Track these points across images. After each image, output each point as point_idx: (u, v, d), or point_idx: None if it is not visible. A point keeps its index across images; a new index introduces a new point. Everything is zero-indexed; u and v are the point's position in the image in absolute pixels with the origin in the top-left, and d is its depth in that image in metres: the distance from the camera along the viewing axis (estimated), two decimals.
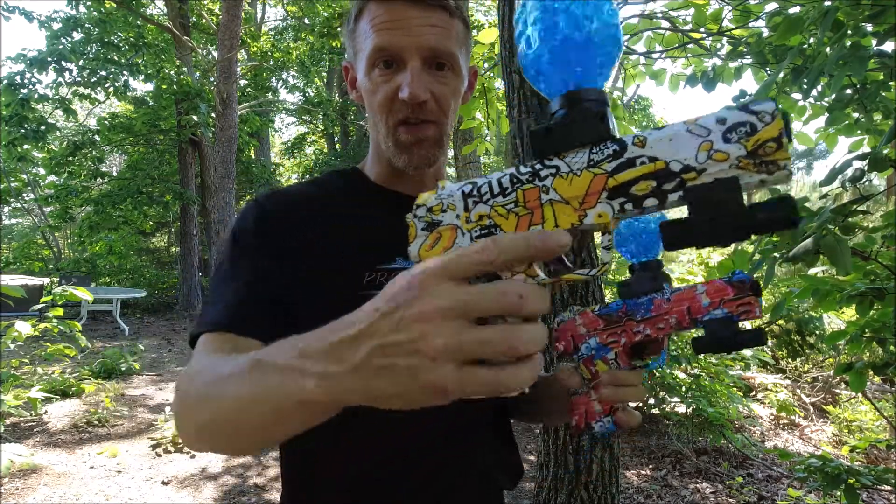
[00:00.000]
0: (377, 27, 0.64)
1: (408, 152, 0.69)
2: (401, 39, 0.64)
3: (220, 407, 0.43)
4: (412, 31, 0.64)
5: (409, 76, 0.64)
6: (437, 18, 0.65)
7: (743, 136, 0.29)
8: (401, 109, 0.66)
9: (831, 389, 5.60)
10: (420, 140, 0.68)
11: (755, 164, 0.28)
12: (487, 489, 0.73)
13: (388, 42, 0.64)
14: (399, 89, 0.65)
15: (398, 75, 0.65)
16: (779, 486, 3.44)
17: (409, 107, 0.65)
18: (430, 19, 0.65)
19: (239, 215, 0.70)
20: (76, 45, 7.89)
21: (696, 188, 0.29)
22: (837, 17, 1.41)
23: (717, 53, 2.55)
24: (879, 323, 1.63)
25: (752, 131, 0.29)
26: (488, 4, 9.42)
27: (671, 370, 4.08)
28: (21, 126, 7.09)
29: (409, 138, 0.68)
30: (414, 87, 0.64)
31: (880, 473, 1.75)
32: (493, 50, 3.21)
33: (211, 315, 0.60)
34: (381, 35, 0.64)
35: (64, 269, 10.69)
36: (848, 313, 3.98)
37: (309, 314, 0.54)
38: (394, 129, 0.68)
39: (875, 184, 5.53)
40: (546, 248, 0.32)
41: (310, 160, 18.17)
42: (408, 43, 0.64)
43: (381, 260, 0.68)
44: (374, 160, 0.76)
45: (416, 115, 0.66)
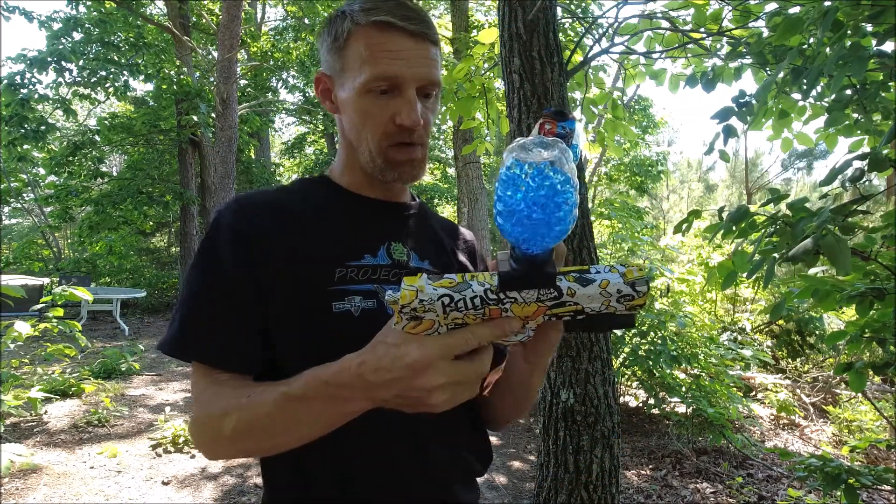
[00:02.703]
0: (379, 55, 0.69)
1: (399, 169, 0.75)
2: (402, 70, 0.69)
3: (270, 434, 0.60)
4: (411, 63, 0.70)
5: (409, 105, 0.70)
6: (428, 51, 0.72)
7: (626, 299, 0.48)
8: (397, 133, 0.72)
9: (831, 389, 5.60)
10: (411, 160, 0.75)
11: (626, 310, 0.50)
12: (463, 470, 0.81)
13: (391, 72, 0.69)
14: (395, 115, 0.71)
15: (393, 101, 0.71)
16: (779, 486, 3.44)
17: (408, 132, 0.72)
18: (424, 52, 0.71)
19: (208, 229, 0.72)
20: (76, 45, 7.88)
21: (593, 315, 0.51)
22: (837, 17, 1.41)
23: (717, 53, 2.55)
24: (879, 323, 1.63)
25: (632, 299, 0.48)
26: (488, 4, 9.41)
27: (671, 370, 4.08)
28: (21, 126, 7.09)
29: (402, 157, 0.74)
30: (416, 115, 0.71)
31: (880, 473, 1.75)
32: (494, 50, 3.21)
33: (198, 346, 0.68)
34: (384, 63, 0.69)
35: (64, 269, 10.69)
36: (848, 313, 3.99)
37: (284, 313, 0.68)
38: (386, 150, 0.73)
39: (875, 184, 5.53)
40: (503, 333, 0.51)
41: (310, 160, 18.16)
42: (408, 74, 0.70)
43: (351, 257, 0.73)
44: (347, 168, 0.80)
45: (409, 138, 0.73)
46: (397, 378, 0.50)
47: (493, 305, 0.48)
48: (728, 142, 2.13)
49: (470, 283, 0.48)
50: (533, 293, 0.48)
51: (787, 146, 2.60)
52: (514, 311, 0.49)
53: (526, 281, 0.47)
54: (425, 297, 0.47)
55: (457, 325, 0.50)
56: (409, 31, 0.70)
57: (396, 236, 0.79)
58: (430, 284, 0.48)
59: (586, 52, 2.71)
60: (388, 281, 0.74)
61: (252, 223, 0.70)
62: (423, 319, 0.49)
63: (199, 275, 0.69)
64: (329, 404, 0.56)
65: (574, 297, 0.48)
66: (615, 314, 0.50)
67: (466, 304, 0.48)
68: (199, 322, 0.68)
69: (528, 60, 2.25)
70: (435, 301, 0.47)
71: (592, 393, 2.16)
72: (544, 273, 0.48)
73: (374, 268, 0.74)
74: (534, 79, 2.24)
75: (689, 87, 2.40)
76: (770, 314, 1.71)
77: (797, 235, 1.35)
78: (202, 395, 0.65)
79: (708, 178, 20.46)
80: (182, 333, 0.68)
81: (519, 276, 0.48)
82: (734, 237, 1.65)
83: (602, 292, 0.47)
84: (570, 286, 0.48)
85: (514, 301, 0.48)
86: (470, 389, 0.53)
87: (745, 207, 1.60)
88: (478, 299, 0.48)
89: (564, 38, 4.83)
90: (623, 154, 11.19)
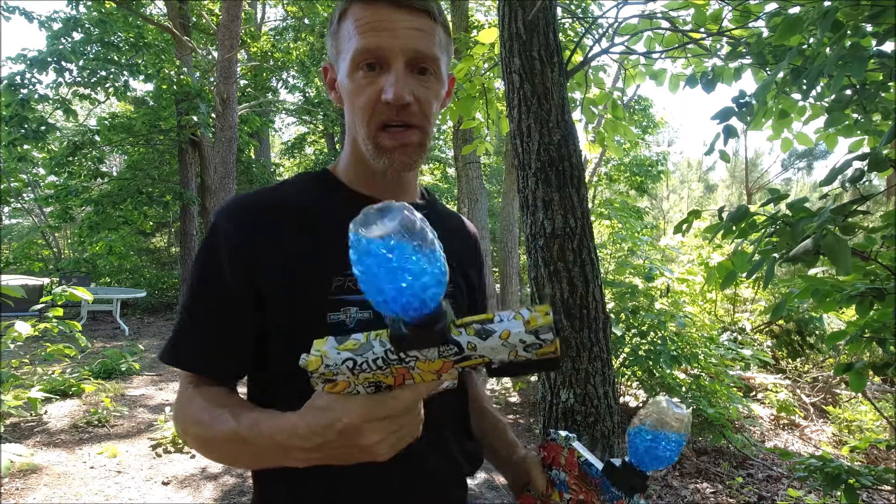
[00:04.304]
0: (361, 28, 0.64)
1: (389, 156, 0.68)
2: (386, 41, 0.64)
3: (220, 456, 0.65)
4: (397, 34, 0.64)
5: (393, 78, 0.64)
6: (421, 22, 0.66)
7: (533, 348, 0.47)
8: (384, 112, 0.66)
9: (831, 389, 5.60)
10: (404, 145, 0.68)
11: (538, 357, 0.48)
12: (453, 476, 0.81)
13: (373, 44, 0.64)
14: (382, 91, 0.64)
15: (381, 77, 0.65)
16: (779, 486, 3.44)
17: (393, 109, 0.65)
18: (414, 23, 0.65)
19: (207, 232, 0.70)
20: (76, 45, 7.87)
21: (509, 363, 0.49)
22: (837, 17, 1.41)
23: (717, 53, 2.55)
24: (879, 323, 1.63)
25: (539, 347, 0.47)
26: (488, 4, 9.41)
27: (671, 370, 4.08)
28: (21, 126, 7.08)
29: (391, 143, 0.67)
30: (398, 88, 0.64)
31: (880, 473, 1.75)
32: (493, 50, 3.21)
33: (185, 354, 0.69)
34: (366, 37, 0.64)
35: (64, 269, 10.69)
36: (848, 313, 3.98)
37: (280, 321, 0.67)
38: (375, 133, 0.67)
39: (875, 184, 5.53)
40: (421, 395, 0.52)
41: (310, 160, 18.15)
42: (393, 45, 0.64)
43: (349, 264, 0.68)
44: (350, 162, 0.75)
45: (399, 117, 0.66)
46: (329, 441, 0.52)
47: (397, 365, 0.48)
48: (728, 142, 2.13)
49: (372, 344, 0.48)
50: (433, 350, 0.47)
51: (787, 146, 2.60)
52: (420, 368, 0.49)
53: (416, 342, 0.46)
54: (330, 361, 0.49)
55: (371, 383, 0.50)
56: (400, 3, 0.65)
57: None
58: (335, 349, 0.49)
59: (586, 52, 2.71)
60: None
61: (248, 230, 0.67)
62: (337, 381, 0.50)
63: (195, 282, 0.69)
64: (271, 453, 0.57)
65: (476, 350, 0.47)
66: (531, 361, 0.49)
67: (370, 366, 0.48)
68: (189, 332, 0.69)
69: (528, 60, 2.25)
70: (340, 365, 0.48)
71: (592, 393, 2.16)
72: (433, 332, 0.46)
73: None
74: (534, 79, 2.24)
75: (689, 87, 2.40)
76: (770, 314, 1.71)
77: (797, 235, 1.35)
78: (181, 396, 0.68)
79: (708, 178, 20.46)
80: (173, 341, 0.69)
81: (408, 338, 0.46)
82: (734, 237, 1.65)
83: (504, 343, 0.46)
84: (469, 340, 0.47)
85: (416, 359, 0.48)
86: (411, 431, 0.53)
87: (745, 207, 1.60)
88: (380, 360, 0.48)
89: (564, 38, 4.83)
90: (623, 154, 11.19)
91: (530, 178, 2.28)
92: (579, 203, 2.24)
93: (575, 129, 2.33)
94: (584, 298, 2.19)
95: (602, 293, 2.27)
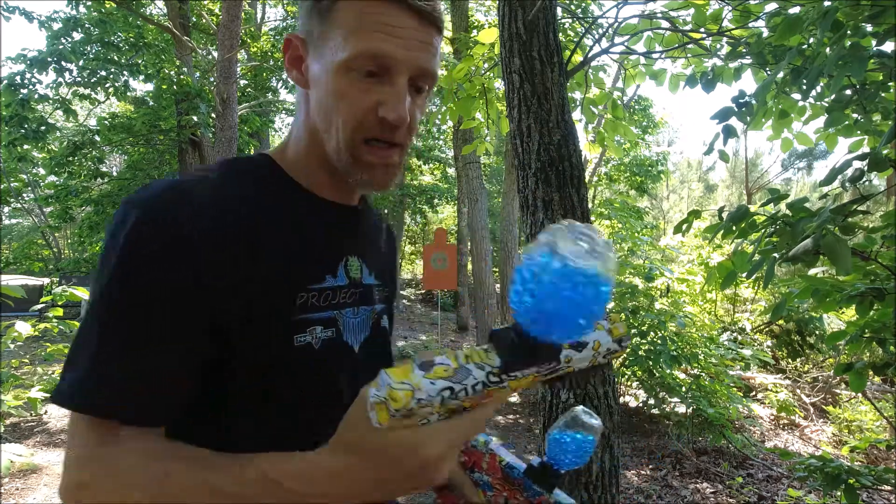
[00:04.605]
0: (371, 26, 0.56)
1: (370, 172, 0.62)
2: (397, 50, 0.57)
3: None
4: (409, 45, 0.57)
5: (398, 96, 0.58)
6: (430, 35, 0.60)
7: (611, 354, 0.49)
8: (373, 127, 0.59)
9: (831, 389, 5.60)
10: (386, 165, 0.62)
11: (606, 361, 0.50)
12: None
13: (384, 50, 0.56)
14: (379, 105, 0.58)
15: (378, 87, 0.58)
16: (779, 486, 3.44)
17: (389, 128, 0.59)
18: (423, 35, 0.59)
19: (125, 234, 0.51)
20: (76, 45, 7.88)
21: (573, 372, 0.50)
22: (837, 17, 1.41)
23: (717, 53, 2.55)
24: (879, 323, 1.63)
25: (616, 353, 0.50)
26: (488, 4, 9.41)
27: (671, 370, 4.08)
28: (21, 126, 7.08)
29: (374, 160, 0.61)
30: (404, 109, 0.58)
31: (880, 473, 1.75)
32: (493, 50, 3.21)
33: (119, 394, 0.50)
34: (376, 38, 0.56)
35: (64, 269, 10.69)
36: (848, 313, 3.98)
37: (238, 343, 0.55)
38: (357, 145, 0.60)
39: (875, 184, 5.53)
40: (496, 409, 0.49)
41: None
42: (402, 56, 0.57)
43: (313, 279, 0.62)
44: (305, 158, 0.65)
45: (388, 136, 0.60)
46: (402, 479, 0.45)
47: (494, 387, 0.45)
48: (728, 142, 2.13)
49: (468, 369, 0.44)
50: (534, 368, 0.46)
51: (787, 146, 2.60)
52: (511, 386, 0.46)
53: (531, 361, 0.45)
54: (423, 394, 0.42)
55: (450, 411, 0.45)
56: (416, 9, 0.57)
57: (352, 250, 0.69)
58: (426, 378, 0.42)
59: (586, 52, 2.71)
60: (346, 304, 0.65)
61: (197, 227, 0.53)
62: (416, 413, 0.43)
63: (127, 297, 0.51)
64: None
65: (571, 363, 0.47)
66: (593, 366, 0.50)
67: (468, 392, 0.44)
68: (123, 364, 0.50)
69: (528, 60, 2.25)
70: (435, 396, 0.42)
71: (592, 393, 2.16)
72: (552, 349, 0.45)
73: (334, 290, 0.64)
74: (534, 79, 2.24)
75: (689, 87, 2.40)
76: (770, 314, 1.71)
77: (797, 235, 1.35)
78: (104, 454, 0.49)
79: (708, 178, 20.47)
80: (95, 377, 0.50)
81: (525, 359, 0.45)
82: (734, 237, 1.65)
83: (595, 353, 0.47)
84: (567, 354, 0.47)
85: (514, 378, 0.46)
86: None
87: (745, 207, 1.60)
88: (479, 385, 0.44)
89: (564, 38, 4.83)
90: (623, 154, 11.19)
91: (530, 178, 2.28)
92: (579, 203, 2.24)
93: (575, 129, 2.33)
94: None
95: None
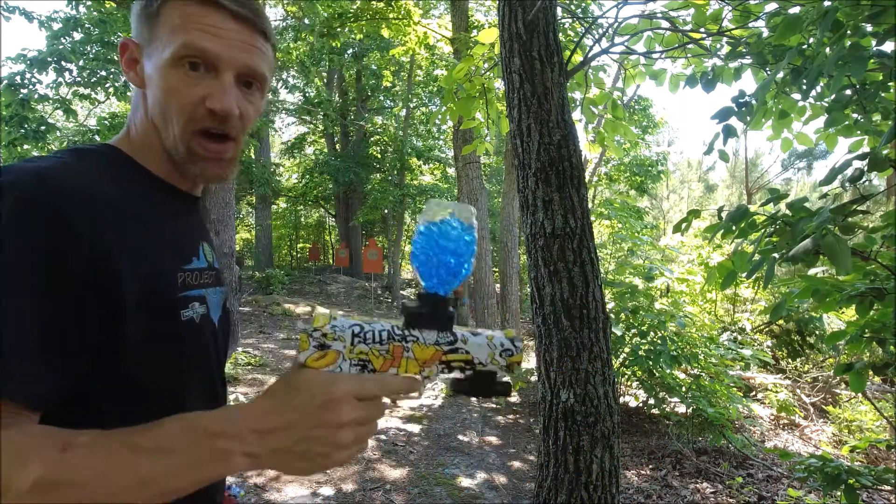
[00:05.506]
0: (191, 26, 0.62)
1: (202, 165, 0.66)
2: (218, 47, 0.62)
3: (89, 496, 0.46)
4: (232, 45, 0.63)
5: (224, 88, 0.63)
6: (254, 39, 0.65)
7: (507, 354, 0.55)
8: (204, 118, 0.64)
9: (831, 389, 5.60)
10: (219, 158, 0.67)
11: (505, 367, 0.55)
12: None
13: (205, 45, 0.62)
14: (207, 98, 0.63)
15: (205, 81, 0.63)
16: (779, 486, 3.44)
17: (217, 118, 0.64)
18: (247, 37, 0.64)
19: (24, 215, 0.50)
20: (76, 45, 7.88)
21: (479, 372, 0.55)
22: (837, 17, 1.41)
23: (717, 53, 2.55)
24: (879, 323, 1.63)
25: (511, 354, 0.55)
26: (488, 4, 9.41)
27: (671, 370, 4.08)
28: (21, 126, 7.08)
29: (207, 153, 0.66)
30: (229, 101, 0.63)
31: (880, 473, 1.75)
32: (493, 50, 3.21)
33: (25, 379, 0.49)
34: (198, 35, 0.62)
35: None
36: (848, 313, 3.99)
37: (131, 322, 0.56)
38: (190, 137, 0.64)
39: (875, 184, 5.53)
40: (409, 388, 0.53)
41: (310, 160, 18.16)
42: (226, 54, 0.63)
43: (186, 260, 0.67)
44: (151, 152, 0.67)
45: (220, 127, 0.65)
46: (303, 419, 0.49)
47: (398, 342, 0.52)
48: (728, 142, 2.13)
49: (378, 321, 0.53)
50: (433, 335, 0.53)
51: (786, 146, 2.60)
52: (415, 352, 0.53)
53: (430, 319, 0.53)
54: (338, 323, 0.51)
55: (360, 360, 0.52)
56: (233, 11, 0.63)
57: (203, 236, 0.74)
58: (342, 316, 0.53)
59: (586, 52, 2.71)
60: (209, 284, 0.71)
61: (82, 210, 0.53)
62: (330, 350, 0.51)
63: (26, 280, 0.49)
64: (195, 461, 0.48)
65: (466, 344, 0.54)
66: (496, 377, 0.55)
67: (374, 337, 0.52)
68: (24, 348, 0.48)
69: (528, 60, 2.25)
70: (346, 329, 0.51)
71: (592, 393, 2.16)
72: (446, 313, 0.54)
73: (200, 271, 0.69)
74: (534, 79, 2.24)
75: (689, 87, 2.40)
76: (770, 314, 1.71)
77: (797, 235, 1.35)
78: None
79: (708, 178, 20.47)
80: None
81: (424, 314, 0.53)
82: (734, 237, 1.65)
83: (489, 343, 0.54)
84: (462, 334, 0.54)
85: (415, 340, 0.53)
86: (371, 430, 0.54)
87: (745, 207, 1.60)
88: (385, 333, 0.52)
89: (564, 38, 4.83)
90: (623, 154, 11.19)
91: (530, 178, 2.28)
92: (579, 203, 2.24)
93: (575, 129, 2.33)
94: (584, 298, 2.19)
95: (602, 293, 2.27)
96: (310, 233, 21.97)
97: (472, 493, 3.25)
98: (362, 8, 7.75)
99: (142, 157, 0.67)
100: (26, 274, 0.49)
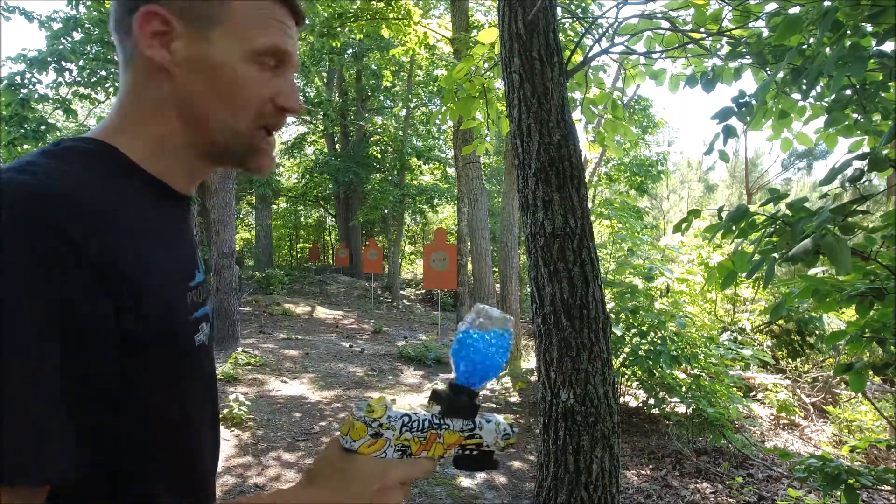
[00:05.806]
0: (273, 21, 0.60)
1: (261, 159, 0.65)
2: (291, 47, 0.62)
3: None
4: (295, 44, 0.64)
5: (293, 87, 0.64)
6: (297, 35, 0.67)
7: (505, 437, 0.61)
8: (273, 116, 0.63)
9: (831, 389, 5.60)
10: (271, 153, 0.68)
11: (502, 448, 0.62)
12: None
13: (287, 46, 0.62)
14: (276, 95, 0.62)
15: (274, 78, 0.62)
16: (779, 486, 3.45)
17: (283, 117, 0.64)
18: (297, 37, 0.65)
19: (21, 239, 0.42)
20: (76, 45, 7.87)
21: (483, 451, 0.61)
22: (837, 17, 1.41)
23: (717, 53, 2.55)
24: (879, 323, 1.63)
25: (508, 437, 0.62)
26: (488, 4, 9.41)
27: (671, 370, 4.08)
28: (21, 126, 7.08)
29: (267, 147, 0.65)
30: (298, 99, 0.64)
31: (880, 473, 1.75)
32: (493, 50, 3.21)
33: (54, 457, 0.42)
34: (279, 35, 0.61)
35: None
36: (848, 313, 3.99)
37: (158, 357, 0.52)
38: (256, 132, 0.63)
39: (875, 184, 5.53)
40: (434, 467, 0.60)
41: (310, 160, 18.16)
42: (294, 54, 0.63)
43: (191, 276, 0.62)
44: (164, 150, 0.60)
45: (279, 125, 0.65)
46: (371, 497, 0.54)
47: (434, 430, 0.59)
48: (728, 142, 2.13)
49: (418, 412, 0.59)
50: (459, 423, 0.60)
51: (786, 146, 2.60)
52: (444, 438, 0.60)
53: (464, 410, 0.60)
54: (392, 414, 0.57)
55: (403, 446, 0.58)
56: (297, 12, 0.64)
57: (195, 240, 0.69)
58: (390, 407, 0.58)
59: (586, 52, 2.71)
60: (208, 298, 0.67)
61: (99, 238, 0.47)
62: (380, 438, 0.57)
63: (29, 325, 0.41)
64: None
65: (482, 430, 0.61)
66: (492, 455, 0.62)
67: (418, 426, 0.58)
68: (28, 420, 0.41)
69: (528, 60, 2.25)
70: (397, 419, 0.57)
71: (592, 393, 2.16)
72: (475, 405, 0.61)
73: (201, 286, 0.64)
74: (534, 79, 2.24)
75: (689, 87, 2.40)
76: (770, 314, 1.71)
77: (797, 235, 1.35)
78: None
79: (708, 178, 20.46)
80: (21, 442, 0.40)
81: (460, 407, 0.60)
82: (734, 237, 1.65)
83: (496, 430, 0.62)
84: (479, 421, 0.61)
85: (447, 428, 0.59)
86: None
87: (745, 207, 1.60)
88: (427, 422, 0.59)
89: (564, 38, 4.83)
90: (623, 154, 11.19)
91: (530, 178, 2.28)
92: (579, 203, 2.24)
93: (575, 129, 2.33)
94: (584, 298, 2.19)
95: (602, 293, 2.27)
96: (310, 233, 21.97)
97: (471, 493, 3.25)
98: (362, 8, 7.74)
99: (139, 154, 0.58)
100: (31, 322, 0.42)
